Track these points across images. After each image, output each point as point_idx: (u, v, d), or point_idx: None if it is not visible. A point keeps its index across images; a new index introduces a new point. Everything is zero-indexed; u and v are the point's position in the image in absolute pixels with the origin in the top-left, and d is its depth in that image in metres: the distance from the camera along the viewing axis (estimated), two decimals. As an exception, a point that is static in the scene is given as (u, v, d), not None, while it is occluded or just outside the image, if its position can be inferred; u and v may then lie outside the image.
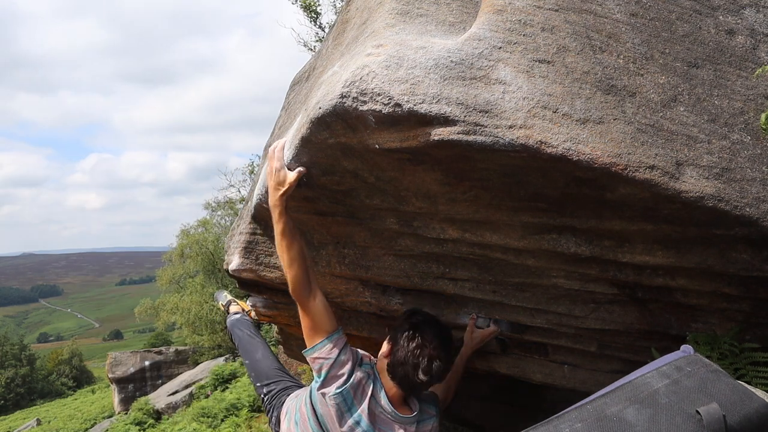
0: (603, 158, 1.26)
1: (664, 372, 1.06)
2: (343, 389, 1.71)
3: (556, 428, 1.01)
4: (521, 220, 1.56)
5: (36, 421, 21.04)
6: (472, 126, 1.28)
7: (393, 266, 2.05)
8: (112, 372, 17.38)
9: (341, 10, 2.20)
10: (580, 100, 1.33)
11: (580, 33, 1.44)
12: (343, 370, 1.73)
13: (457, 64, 1.34)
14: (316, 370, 1.77)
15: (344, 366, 1.73)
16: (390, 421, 1.75)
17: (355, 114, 1.38)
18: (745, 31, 1.62)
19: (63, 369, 39.44)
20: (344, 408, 1.71)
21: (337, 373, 1.73)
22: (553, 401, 1.91)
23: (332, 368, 1.73)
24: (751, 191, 1.32)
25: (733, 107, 1.45)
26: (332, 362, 1.73)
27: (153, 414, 14.15)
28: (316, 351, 1.77)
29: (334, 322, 1.81)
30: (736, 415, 0.96)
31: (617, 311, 1.79)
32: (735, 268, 1.45)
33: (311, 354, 1.78)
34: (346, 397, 1.72)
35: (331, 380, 1.73)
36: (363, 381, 1.76)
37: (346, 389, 1.71)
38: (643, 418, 0.97)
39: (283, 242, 1.79)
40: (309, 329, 1.80)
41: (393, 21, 1.55)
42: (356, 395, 1.73)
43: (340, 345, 1.77)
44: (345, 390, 1.71)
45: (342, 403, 1.71)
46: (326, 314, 1.79)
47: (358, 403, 1.73)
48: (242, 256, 2.59)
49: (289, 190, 1.74)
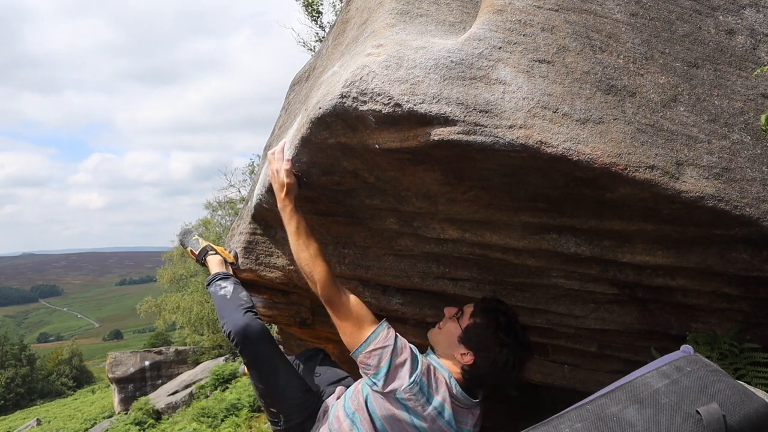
0: (603, 158, 1.26)
1: (664, 372, 1.06)
2: (416, 376, 1.49)
3: (556, 428, 1.01)
4: (521, 220, 1.56)
5: (36, 421, 21.05)
6: (472, 126, 1.28)
7: (393, 266, 2.05)
8: (112, 372, 17.39)
9: (341, 10, 2.20)
10: (580, 100, 1.33)
11: (580, 33, 1.44)
12: (406, 356, 1.52)
13: (457, 64, 1.34)
14: (373, 366, 1.53)
15: (404, 352, 1.53)
16: (463, 409, 1.57)
17: (355, 114, 1.38)
18: (745, 31, 1.62)
19: (63, 369, 39.46)
20: (422, 399, 1.48)
21: (401, 360, 1.51)
22: (553, 401, 1.90)
23: (393, 356, 1.50)
24: (751, 191, 1.32)
25: (733, 107, 1.45)
26: (392, 349, 1.51)
27: (153, 414, 14.15)
28: (371, 342, 1.54)
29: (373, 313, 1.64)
30: (736, 415, 0.96)
31: (617, 311, 1.79)
32: (735, 268, 1.45)
33: (366, 348, 1.55)
34: (422, 386, 1.49)
35: (395, 371, 1.50)
36: (432, 367, 1.56)
37: (419, 376, 1.49)
38: (643, 418, 0.97)
39: (300, 241, 1.68)
40: (352, 327, 1.59)
41: (393, 21, 1.55)
42: (430, 383, 1.52)
43: (392, 331, 1.57)
44: (418, 377, 1.49)
45: (419, 394, 1.48)
46: (364, 305, 1.63)
47: (435, 392, 1.52)
48: (242, 256, 2.59)
49: (291, 190, 1.70)
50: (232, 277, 2.34)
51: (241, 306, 2.06)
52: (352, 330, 1.59)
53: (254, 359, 1.95)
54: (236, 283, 2.26)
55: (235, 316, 2.01)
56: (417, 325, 2.33)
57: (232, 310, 2.05)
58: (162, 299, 22.01)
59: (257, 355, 1.95)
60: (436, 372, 1.56)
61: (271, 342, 1.99)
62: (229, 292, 2.16)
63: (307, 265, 1.65)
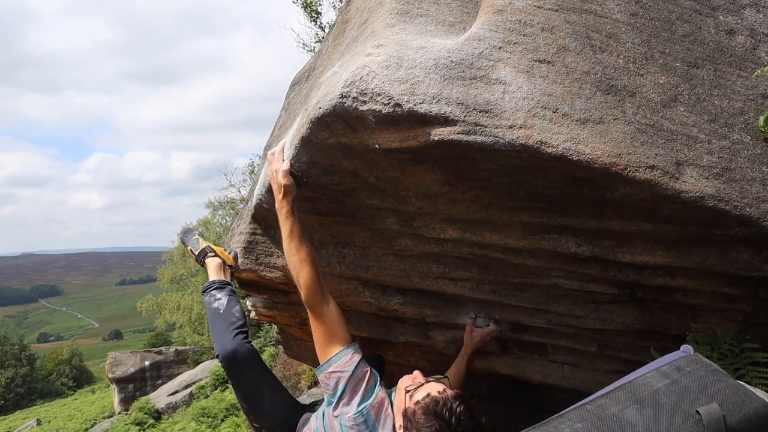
0: (603, 158, 1.26)
1: (664, 372, 1.06)
2: (363, 407, 1.50)
3: (556, 428, 1.01)
4: (521, 220, 1.56)
5: (36, 421, 21.05)
6: (472, 126, 1.28)
7: (393, 266, 2.05)
8: (112, 372, 17.39)
9: (341, 10, 2.20)
10: (580, 100, 1.33)
11: (580, 33, 1.44)
12: (362, 386, 1.54)
13: (457, 64, 1.34)
14: (331, 387, 1.57)
15: (363, 380, 1.55)
16: None
17: (355, 114, 1.38)
18: (745, 31, 1.62)
19: (63, 369, 39.46)
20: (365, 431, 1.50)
21: (356, 387, 1.53)
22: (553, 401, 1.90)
23: (350, 382, 1.53)
24: (751, 191, 1.32)
25: (733, 107, 1.45)
26: (349, 375, 1.54)
27: (153, 414, 14.15)
28: (332, 364, 1.58)
29: (349, 332, 1.65)
30: (735, 415, 0.96)
31: (617, 311, 1.79)
32: (735, 268, 1.45)
33: (327, 368, 1.59)
34: (368, 418, 1.50)
35: (349, 396, 1.53)
36: (386, 403, 1.54)
37: (367, 408, 1.51)
38: (643, 418, 0.97)
39: (292, 244, 1.68)
40: (323, 339, 1.62)
41: (393, 21, 1.55)
42: (378, 418, 1.51)
43: (357, 357, 1.59)
44: (365, 409, 1.50)
45: (363, 425, 1.49)
46: (341, 322, 1.64)
47: (381, 427, 1.51)
48: (242, 256, 2.59)
49: (288, 191, 1.69)
50: (228, 286, 2.37)
51: (232, 325, 2.12)
52: (322, 344, 1.63)
53: (240, 382, 2.03)
54: (231, 294, 2.30)
55: (225, 340, 2.08)
56: (417, 325, 2.33)
57: (222, 330, 2.11)
58: (162, 298, 22.03)
59: (243, 380, 2.02)
60: (389, 408, 1.53)
61: (258, 365, 2.06)
62: (222, 305, 2.22)
63: (295, 268, 1.67)
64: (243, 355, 2.03)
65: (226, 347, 2.04)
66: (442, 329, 2.24)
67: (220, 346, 2.07)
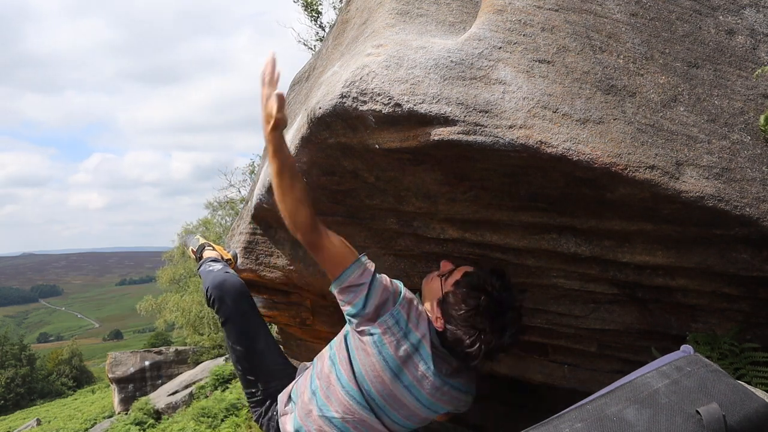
0: (603, 158, 1.26)
1: (664, 372, 1.06)
2: (394, 310, 1.41)
3: (556, 428, 1.01)
4: (521, 220, 1.56)
5: (36, 421, 21.04)
6: (472, 126, 1.28)
7: (393, 266, 2.05)
8: (112, 372, 17.39)
9: (341, 10, 2.20)
10: (580, 100, 1.33)
11: (580, 33, 1.44)
12: (385, 295, 1.43)
13: (457, 64, 1.34)
14: (349, 301, 1.46)
15: (385, 290, 1.44)
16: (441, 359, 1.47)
17: (355, 114, 1.38)
18: (745, 31, 1.62)
19: (63, 369, 39.46)
20: (399, 333, 1.40)
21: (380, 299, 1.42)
22: (553, 401, 1.91)
23: (370, 295, 1.42)
24: (751, 191, 1.32)
25: (733, 107, 1.45)
26: (366, 289, 1.42)
27: (153, 414, 14.16)
28: (343, 281, 1.46)
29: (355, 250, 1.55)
30: (736, 415, 0.96)
31: (617, 311, 1.79)
32: (735, 268, 1.45)
33: (339, 285, 1.47)
34: (399, 319, 1.41)
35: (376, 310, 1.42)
36: (415, 302, 1.47)
37: (397, 309, 1.41)
38: (643, 418, 0.97)
39: (283, 183, 1.50)
40: (331, 266, 1.50)
41: (393, 21, 1.55)
42: (410, 317, 1.43)
43: (371, 266, 1.49)
44: (396, 310, 1.41)
45: (395, 327, 1.40)
46: (345, 243, 1.53)
47: (415, 327, 1.43)
48: (242, 256, 2.59)
49: (279, 125, 1.46)
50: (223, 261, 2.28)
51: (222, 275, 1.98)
52: (331, 269, 1.50)
53: (231, 317, 1.86)
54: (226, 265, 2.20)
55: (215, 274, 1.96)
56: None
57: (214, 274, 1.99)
58: (162, 299, 22.05)
59: (235, 313, 1.86)
60: (419, 307, 1.47)
61: (249, 302, 1.92)
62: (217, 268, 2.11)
63: (290, 210, 1.51)
64: (233, 285, 1.89)
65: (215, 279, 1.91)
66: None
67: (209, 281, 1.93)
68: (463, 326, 1.42)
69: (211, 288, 1.89)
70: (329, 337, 2.97)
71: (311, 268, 2.34)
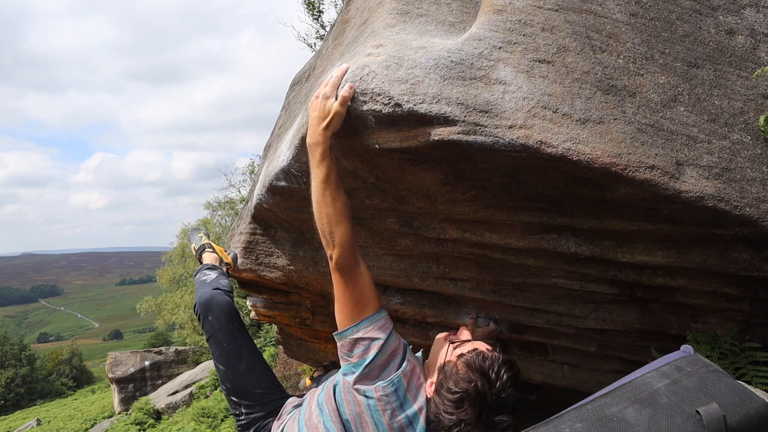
0: (603, 158, 1.26)
1: (664, 372, 1.06)
2: (395, 377, 1.31)
3: (556, 428, 1.01)
4: (521, 220, 1.56)
5: (36, 421, 21.05)
6: (472, 126, 1.28)
7: (393, 266, 2.05)
8: (112, 372, 17.40)
9: (341, 10, 2.20)
10: (580, 100, 1.33)
11: (580, 33, 1.44)
12: (394, 356, 1.34)
13: (457, 64, 1.34)
14: (357, 355, 1.35)
15: (395, 351, 1.35)
16: None
17: (355, 114, 1.38)
18: (745, 31, 1.62)
19: (63, 369, 39.48)
20: (395, 403, 1.30)
21: (387, 359, 1.33)
22: (553, 401, 1.90)
23: (381, 352, 1.32)
24: (751, 191, 1.32)
25: (733, 107, 1.45)
26: (382, 343, 1.32)
27: (153, 414, 14.16)
28: (361, 329, 1.35)
29: (380, 299, 1.45)
30: (736, 415, 0.96)
31: (617, 311, 1.79)
32: (735, 268, 1.45)
33: (354, 333, 1.35)
34: (398, 387, 1.31)
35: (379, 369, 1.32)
36: (417, 371, 1.37)
37: (398, 377, 1.31)
38: (643, 418, 0.97)
39: (327, 193, 1.38)
40: (353, 305, 1.38)
41: (393, 21, 1.55)
42: (410, 387, 1.32)
43: (390, 324, 1.39)
44: (397, 378, 1.31)
45: (393, 396, 1.30)
46: (373, 286, 1.42)
47: (412, 397, 1.32)
48: (242, 256, 2.59)
49: (334, 122, 1.38)
50: (219, 269, 2.30)
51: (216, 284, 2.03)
52: (350, 308, 1.39)
53: (214, 334, 1.87)
54: (221, 273, 2.22)
55: (203, 290, 1.98)
56: (417, 325, 2.33)
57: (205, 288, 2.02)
58: (162, 299, 22.05)
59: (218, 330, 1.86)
60: (420, 376, 1.37)
61: (236, 321, 1.90)
62: (210, 278, 2.14)
63: (329, 224, 1.38)
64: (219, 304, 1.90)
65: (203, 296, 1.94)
66: (442, 329, 2.25)
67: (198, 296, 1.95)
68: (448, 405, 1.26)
69: (198, 304, 1.92)
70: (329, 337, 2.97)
71: (311, 268, 2.34)
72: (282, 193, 1.99)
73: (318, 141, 1.40)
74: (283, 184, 1.91)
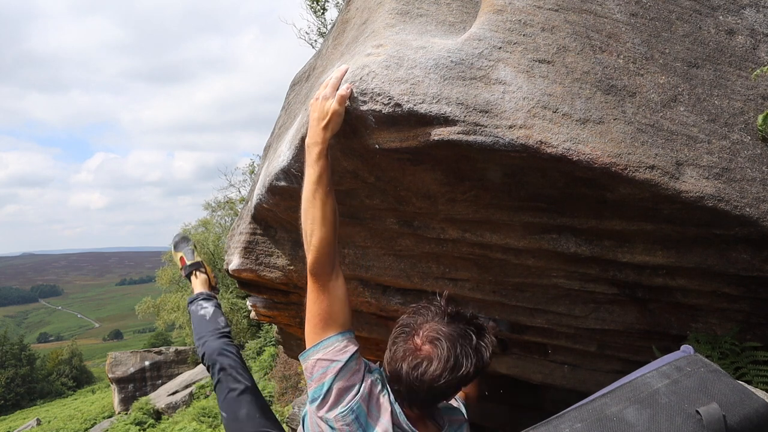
0: (603, 158, 1.26)
1: (664, 372, 1.06)
2: (353, 403, 1.26)
3: (556, 428, 1.01)
4: (521, 220, 1.56)
5: (36, 421, 21.05)
6: (472, 126, 1.28)
7: (393, 266, 2.05)
8: (112, 372, 17.40)
9: (341, 10, 2.19)
10: (580, 100, 1.33)
11: (580, 33, 1.44)
12: (353, 381, 1.29)
13: (457, 64, 1.34)
14: (316, 378, 1.31)
15: (355, 375, 1.30)
16: None
17: (355, 114, 1.38)
18: (745, 31, 1.62)
19: (63, 369, 39.48)
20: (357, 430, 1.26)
21: (346, 384, 1.28)
22: (553, 401, 1.91)
23: (339, 375, 1.28)
24: (751, 191, 1.32)
25: (733, 107, 1.45)
26: (341, 366, 1.28)
27: (153, 414, 14.16)
28: (320, 350, 1.32)
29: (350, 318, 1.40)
30: (736, 415, 0.96)
31: (617, 311, 1.79)
32: (735, 268, 1.45)
33: (315, 354, 1.32)
34: (359, 414, 1.27)
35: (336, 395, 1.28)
36: (375, 391, 1.31)
37: (357, 402, 1.27)
38: (643, 418, 0.97)
39: (317, 193, 1.36)
40: (319, 320, 1.34)
41: (393, 21, 1.55)
42: (370, 410, 1.28)
43: (353, 348, 1.33)
44: (356, 404, 1.26)
45: (354, 423, 1.26)
46: (346, 304, 1.38)
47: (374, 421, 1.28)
48: (242, 256, 2.59)
49: (333, 123, 1.39)
50: (214, 299, 2.42)
51: (217, 330, 2.20)
52: (316, 324, 1.36)
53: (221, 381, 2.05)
54: (217, 306, 2.36)
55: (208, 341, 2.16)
56: (417, 325, 2.33)
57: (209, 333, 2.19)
58: (161, 299, 22.04)
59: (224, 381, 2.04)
60: (380, 398, 1.31)
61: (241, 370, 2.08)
62: (209, 313, 2.29)
63: (311, 224, 1.36)
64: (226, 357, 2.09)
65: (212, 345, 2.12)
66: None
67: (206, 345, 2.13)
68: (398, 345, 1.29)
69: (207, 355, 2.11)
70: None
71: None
72: (282, 193, 1.99)
73: (317, 141, 1.40)
74: (283, 184, 1.91)
